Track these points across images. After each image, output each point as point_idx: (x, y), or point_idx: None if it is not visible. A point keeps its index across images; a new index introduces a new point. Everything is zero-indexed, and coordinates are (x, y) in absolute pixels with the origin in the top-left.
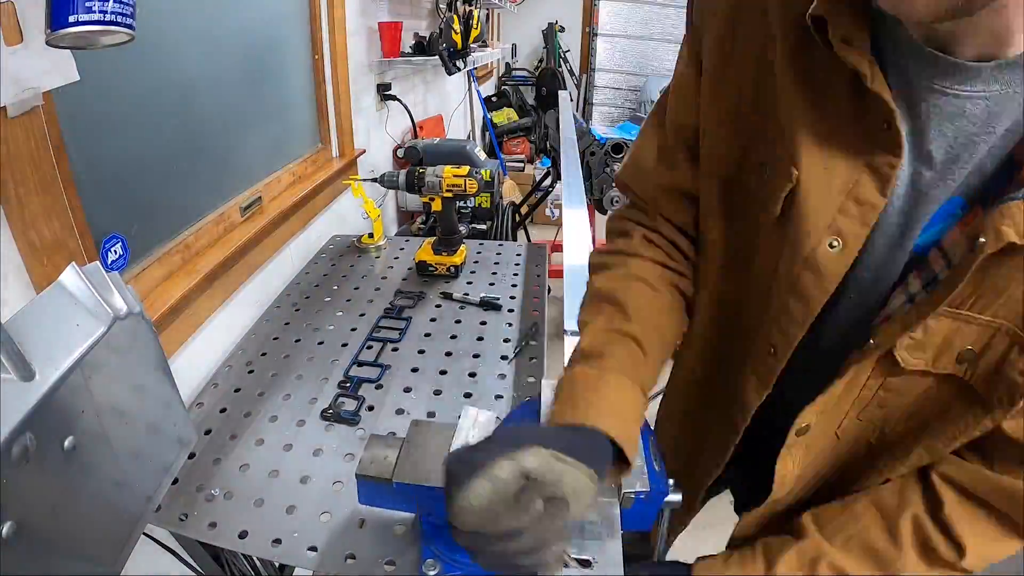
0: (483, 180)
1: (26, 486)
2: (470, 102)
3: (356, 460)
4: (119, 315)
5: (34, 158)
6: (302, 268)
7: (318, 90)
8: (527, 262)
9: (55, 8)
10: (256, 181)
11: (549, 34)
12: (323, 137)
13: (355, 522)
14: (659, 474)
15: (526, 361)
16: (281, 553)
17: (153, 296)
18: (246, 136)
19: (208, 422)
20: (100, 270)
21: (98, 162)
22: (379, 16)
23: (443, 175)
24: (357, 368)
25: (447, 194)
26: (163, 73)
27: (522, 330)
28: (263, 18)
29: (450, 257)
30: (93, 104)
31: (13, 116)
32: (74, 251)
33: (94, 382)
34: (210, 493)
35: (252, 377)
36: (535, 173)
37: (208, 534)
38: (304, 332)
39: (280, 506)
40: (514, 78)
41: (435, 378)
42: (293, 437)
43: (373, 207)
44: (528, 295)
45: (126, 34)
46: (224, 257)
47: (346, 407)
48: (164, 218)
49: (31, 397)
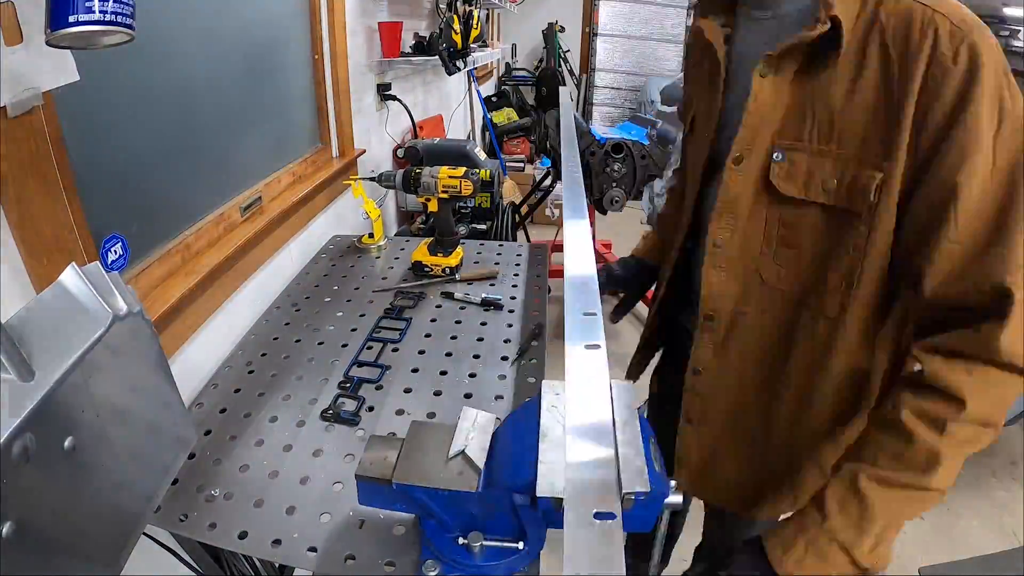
0: (479, 181)
1: (26, 486)
2: (470, 102)
3: (356, 461)
4: (119, 315)
5: (34, 158)
6: (302, 268)
7: (318, 90)
8: (527, 262)
9: (55, 8)
10: (256, 181)
11: (549, 34)
12: (323, 137)
13: (355, 523)
14: (659, 475)
15: (526, 362)
16: (281, 554)
17: (153, 296)
18: (246, 136)
19: (208, 423)
20: (100, 270)
21: (98, 162)
22: (379, 16)
23: (439, 176)
24: (357, 368)
25: (443, 195)
26: (163, 73)
27: (522, 330)
28: (263, 18)
29: (446, 258)
30: (93, 104)
31: (13, 116)
32: (74, 251)
33: (94, 382)
34: (210, 494)
35: (252, 377)
36: (535, 173)
37: (208, 535)
38: (304, 332)
39: (280, 507)
40: (514, 78)
41: (435, 379)
42: (293, 438)
43: (373, 207)
44: (529, 295)
45: (126, 34)
46: (224, 257)
47: (346, 408)
48: (164, 218)
49: (31, 397)
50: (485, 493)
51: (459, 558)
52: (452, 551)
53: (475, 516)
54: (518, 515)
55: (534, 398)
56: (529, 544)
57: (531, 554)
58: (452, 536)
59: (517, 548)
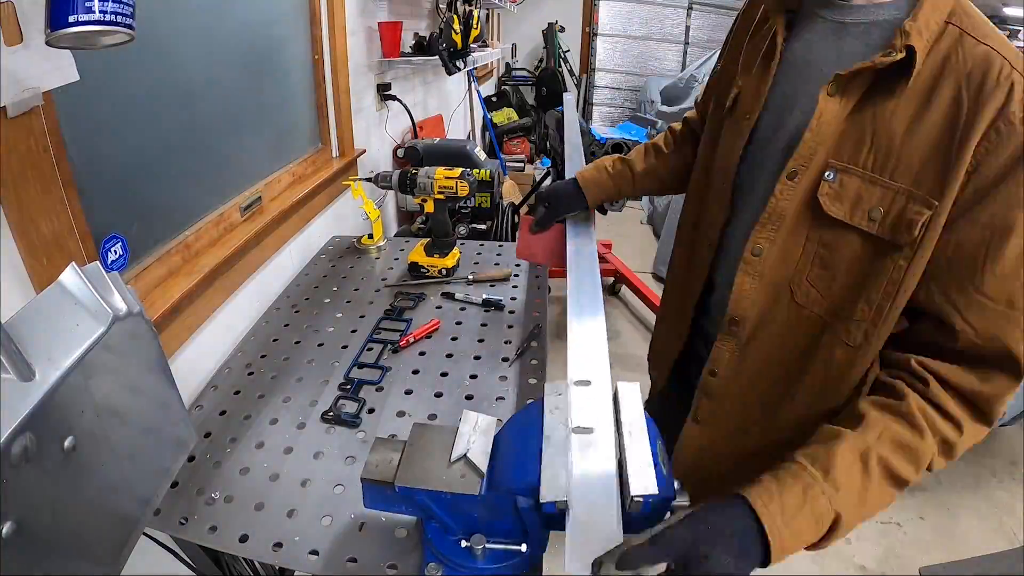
0: (475, 182)
1: (26, 486)
2: (470, 102)
3: (357, 463)
4: (119, 315)
5: (34, 158)
6: (302, 269)
7: (318, 90)
8: (528, 262)
9: (55, 8)
10: (256, 181)
11: (549, 34)
12: (323, 137)
13: (356, 525)
14: (667, 477)
15: (527, 363)
16: (282, 557)
17: (153, 296)
18: (246, 136)
19: (208, 425)
20: (100, 270)
21: (98, 162)
22: (379, 16)
23: (435, 176)
24: (357, 370)
25: (439, 196)
26: (163, 73)
27: (523, 331)
28: (263, 18)
29: (442, 260)
30: (93, 104)
31: (13, 116)
32: (74, 251)
33: (94, 382)
34: (210, 497)
35: (252, 379)
36: (535, 173)
37: (209, 538)
38: (304, 334)
39: (281, 510)
40: (514, 78)
41: (436, 380)
42: (293, 440)
43: (373, 208)
44: (529, 296)
45: (126, 34)
46: (224, 257)
47: (346, 409)
48: (164, 218)
49: (31, 397)
50: (488, 496)
51: (462, 560)
52: (455, 553)
53: (477, 518)
54: (521, 517)
55: (537, 400)
56: (531, 546)
57: (533, 556)
58: (455, 538)
59: (520, 550)
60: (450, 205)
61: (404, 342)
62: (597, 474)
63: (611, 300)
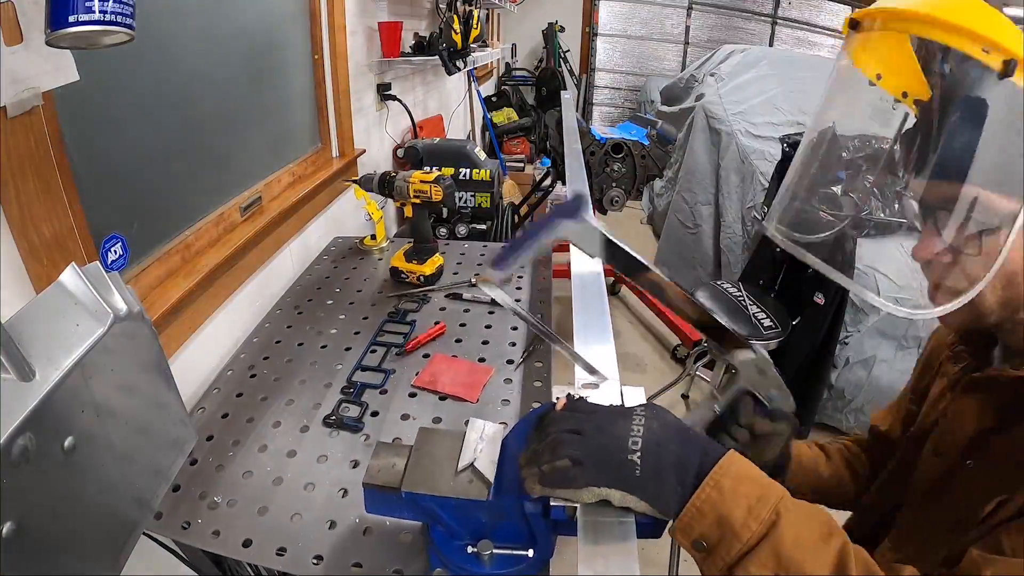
0: (451, 187)
1: (26, 486)
2: (470, 102)
3: (360, 467)
4: (119, 315)
5: (34, 158)
6: (303, 270)
7: (318, 90)
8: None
9: (55, 8)
10: (256, 181)
11: (549, 34)
12: (323, 137)
13: (360, 530)
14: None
15: (533, 365)
16: (286, 562)
17: (153, 296)
18: (246, 136)
19: (210, 427)
20: (100, 270)
21: (98, 162)
22: (379, 16)
23: (411, 180)
24: (361, 373)
25: (415, 200)
26: (163, 73)
27: (528, 332)
28: (263, 18)
29: (420, 266)
30: (93, 104)
31: (13, 116)
32: (74, 251)
33: (94, 382)
34: (213, 500)
35: (254, 381)
36: (535, 173)
37: (212, 543)
38: (307, 335)
39: (284, 514)
40: (514, 78)
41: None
42: (297, 443)
43: (375, 208)
44: (533, 296)
45: (126, 34)
46: (224, 257)
47: (350, 413)
48: (164, 218)
49: (31, 397)
50: (495, 502)
51: (468, 566)
52: (461, 559)
53: (484, 524)
54: (528, 522)
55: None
56: (539, 551)
57: (541, 561)
58: (461, 544)
59: (527, 555)
60: (437, 209)
61: (410, 346)
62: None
63: (611, 300)
